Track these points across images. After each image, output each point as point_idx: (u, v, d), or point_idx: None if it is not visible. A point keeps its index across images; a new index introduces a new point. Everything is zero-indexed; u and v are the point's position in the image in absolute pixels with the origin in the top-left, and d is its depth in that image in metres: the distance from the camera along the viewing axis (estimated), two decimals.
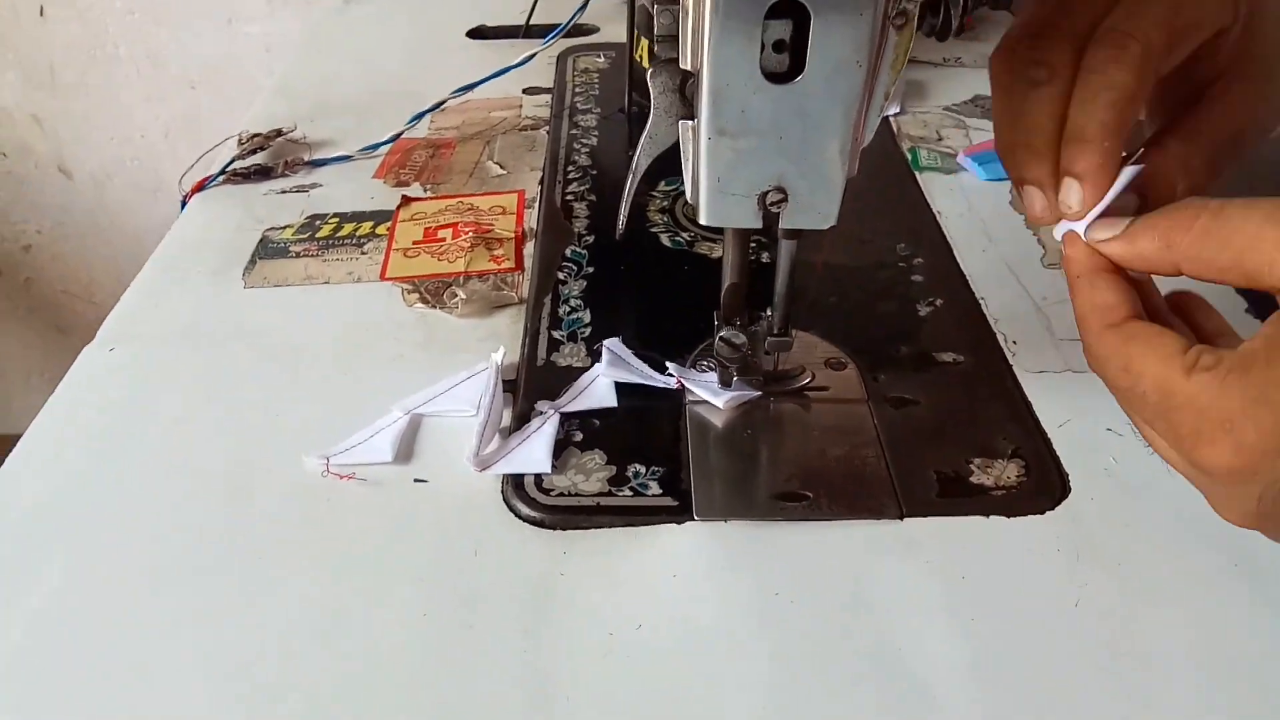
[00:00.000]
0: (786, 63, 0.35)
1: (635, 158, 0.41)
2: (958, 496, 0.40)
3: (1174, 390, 0.29)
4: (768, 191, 0.38)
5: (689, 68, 0.37)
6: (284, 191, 0.64)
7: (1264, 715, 0.33)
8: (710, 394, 0.45)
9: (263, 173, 0.66)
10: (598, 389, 0.46)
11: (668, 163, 0.40)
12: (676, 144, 0.40)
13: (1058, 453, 0.42)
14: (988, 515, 0.40)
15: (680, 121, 0.39)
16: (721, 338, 0.43)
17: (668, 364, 0.46)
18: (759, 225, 0.39)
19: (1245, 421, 0.28)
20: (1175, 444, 0.30)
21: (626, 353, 0.48)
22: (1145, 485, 0.40)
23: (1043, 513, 0.40)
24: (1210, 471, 0.29)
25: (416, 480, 0.42)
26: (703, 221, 0.39)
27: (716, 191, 0.38)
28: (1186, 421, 0.29)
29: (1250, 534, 0.32)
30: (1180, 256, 0.31)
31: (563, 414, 0.45)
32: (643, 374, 0.46)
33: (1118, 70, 0.33)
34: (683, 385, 0.46)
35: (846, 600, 0.37)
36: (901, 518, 0.40)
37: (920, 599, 0.37)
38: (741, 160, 0.37)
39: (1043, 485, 0.41)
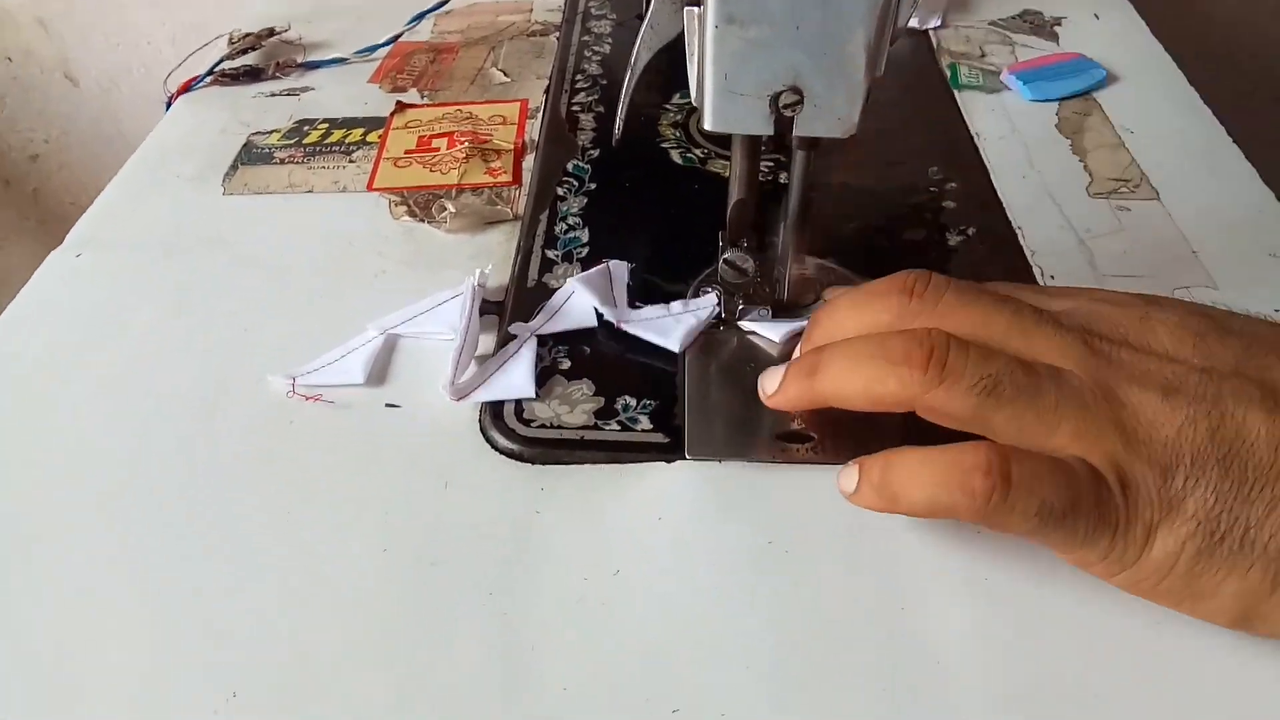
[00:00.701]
0: None
1: (635, 50, 0.36)
2: (980, 438, 0.36)
3: None
4: (781, 92, 0.33)
5: None
6: (273, 95, 0.60)
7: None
8: (768, 329, 0.41)
9: (252, 74, 0.62)
10: (574, 307, 0.42)
11: (682, 71, 0.35)
12: (681, 36, 0.35)
13: None
14: None
15: (685, 8, 0.34)
16: (725, 260, 0.40)
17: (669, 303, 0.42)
18: (770, 131, 0.34)
19: None
20: None
21: (620, 283, 0.43)
22: None
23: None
24: None
25: (388, 405, 0.39)
26: (707, 126, 0.35)
27: (723, 90, 0.34)
28: None
29: None
30: None
31: (545, 337, 0.41)
32: (611, 310, 0.42)
33: None
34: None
35: (848, 554, 0.33)
36: None
37: (929, 555, 0.33)
38: (753, 53, 0.33)
39: None
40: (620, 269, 0.44)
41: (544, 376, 0.39)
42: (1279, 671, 0.30)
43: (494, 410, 0.38)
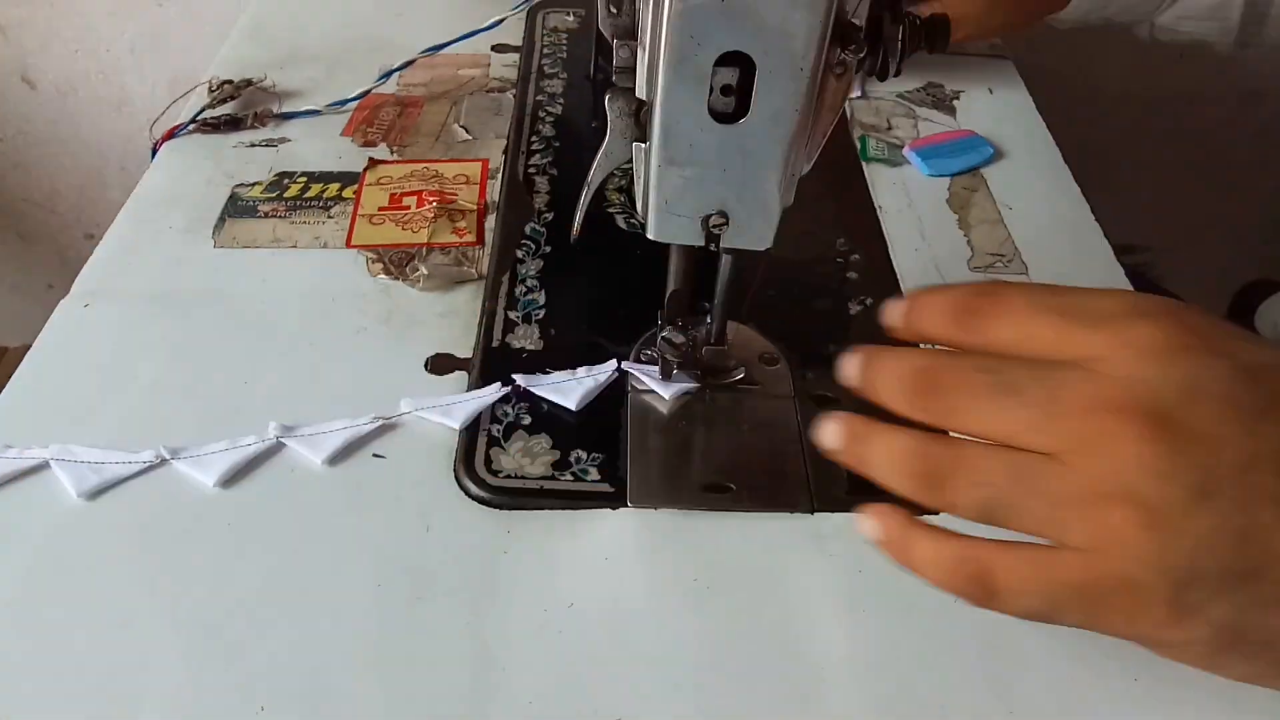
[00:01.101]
0: (733, 105, 0.38)
1: (591, 172, 0.44)
2: (864, 493, 0.44)
3: None
4: (710, 215, 0.41)
5: (644, 97, 0.40)
6: (253, 145, 0.66)
7: (1113, 708, 0.38)
8: (657, 384, 0.49)
9: (232, 123, 0.67)
10: (571, 390, 0.48)
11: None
12: (631, 163, 0.43)
13: None
14: None
15: (635, 143, 0.42)
16: (663, 337, 0.47)
17: (620, 363, 0.50)
18: (701, 243, 0.42)
19: None
20: None
21: (642, 372, 0.50)
22: None
23: (937, 513, 0.44)
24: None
25: (375, 455, 0.46)
26: (650, 236, 0.42)
27: (663, 212, 0.41)
28: None
29: None
30: None
31: (517, 395, 0.48)
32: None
33: None
34: (625, 374, 0.49)
35: (756, 588, 0.41)
36: (812, 512, 0.44)
37: (819, 589, 0.41)
38: (688, 187, 0.40)
39: None
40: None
41: (508, 431, 0.47)
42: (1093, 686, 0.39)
43: (466, 460, 0.46)
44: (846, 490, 0.45)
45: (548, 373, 0.50)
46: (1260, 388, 0.27)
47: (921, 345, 0.35)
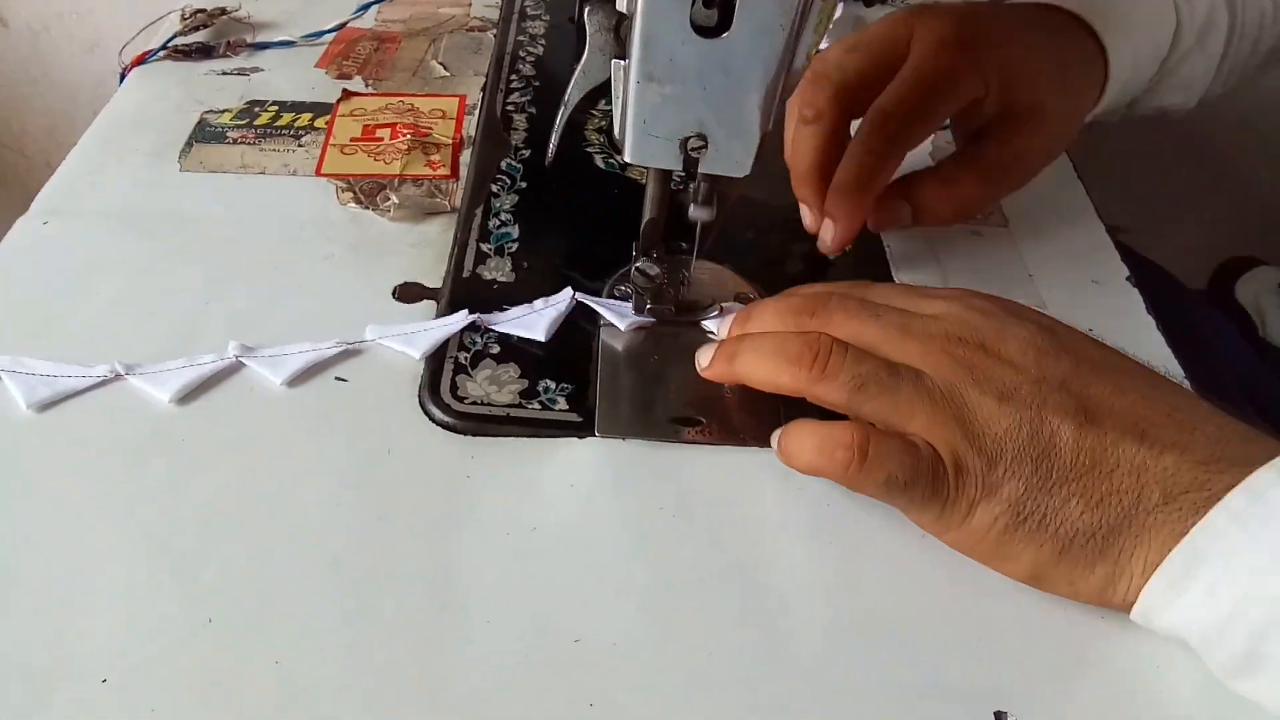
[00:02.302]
0: (715, 18, 0.37)
1: (568, 90, 0.43)
2: None
3: None
4: (689, 137, 0.40)
5: (624, 10, 0.39)
6: (224, 73, 0.64)
7: (1072, 641, 0.38)
8: (616, 317, 0.48)
9: (204, 51, 0.66)
10: (534, 323, 0.48)
11: (607, 85, 0.42)
12: (608, 79, 0.42)
13: None
14: None
15: (613, 60, 0.41)
16: (637, 268, 0.46)
17: (575, 294, 0.49)
18: (679, 168, 0.41)
19: None
20: None
21: (599, 303, 0.49)
22: None
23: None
24: None
25: (338, 379, 0.45)
26: (626, 159, 0.41)
27: (642, 133, 0.40)
28: None
29: None
30: None
31: (478, 324, 0.47)
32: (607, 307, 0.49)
33: (876, 140, 0.48)
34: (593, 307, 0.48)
35: (724, 518, 0.41)
36: None
37: (787, 520, 0.41)
38: (667, 105, 0.39)
39: None
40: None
41: (475, 359, 0.46)
42: (1043, 613, 0.38)
43: (431, 386, 0.45)
44: None
45: (505, 309, 0.48)
46: (1053, 338, 0.38)
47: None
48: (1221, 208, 1.13)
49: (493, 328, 0.47)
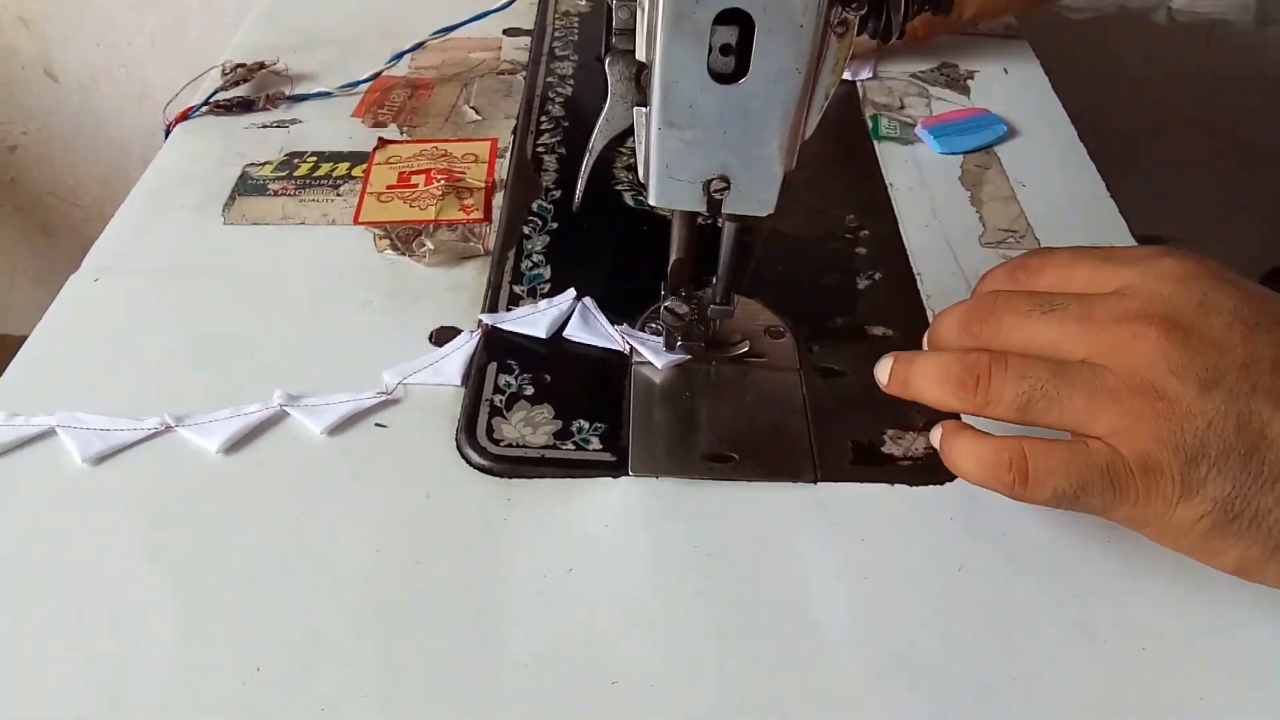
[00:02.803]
0: (732, 64, 0.38)
1: (592, 138, 0.44)
2: (868, 465, 0.44)
3: None
4: (712, 180, 0.41)
5: (644, 60, 0.40)
6: (265, 126, 0.66)
7: (1113, 677, 0.37)
8: (653, 354, 0.48)
9: (245, 105, 0.68)
10: (537, 321, 0.50)
11: (631, 129, 0.43)
12: (633, 129, 0.42)
13: None
14: (893, 484, 0.44)
15: (635, 107, 0.41)
16: (666, 306, 0.47)
17: (613, 327, 0.50)
18: (703, 209, 0.42)
19: None
20: None
21: (598, 314, 0.51)
22: None
23: (942, 483, 0.44)
24: None
25: (377, 425, 0.46)
26: (651, 202, 0.42)
27: (665, 177, 0.41)
28: None
29: None
30: None
31: (516, 366, 0.48)
32: (604, 336, 0.50)
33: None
34: (629, 346, 0.49)
35: (758, 555, 0.41)
36: (815, 482, 0.44)
37: (821, 557, 0.41)
38: (688, 150, 0.40)
39: None
40: (592, 304, 0.52)
41: (510, 401, 0.47)
42: (1085, 654, 0.38)
43: (468, 429, 0.45)
44: (851, 461, 0.45)
45: (510, 310, 0.51)
46: (1260, 308, 0.34)
47: None
48: (1268, 213, 1.11)
49: (499, 326, 0.50)
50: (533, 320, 0.50)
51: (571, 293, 0.51)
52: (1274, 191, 1.10)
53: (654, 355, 0.48)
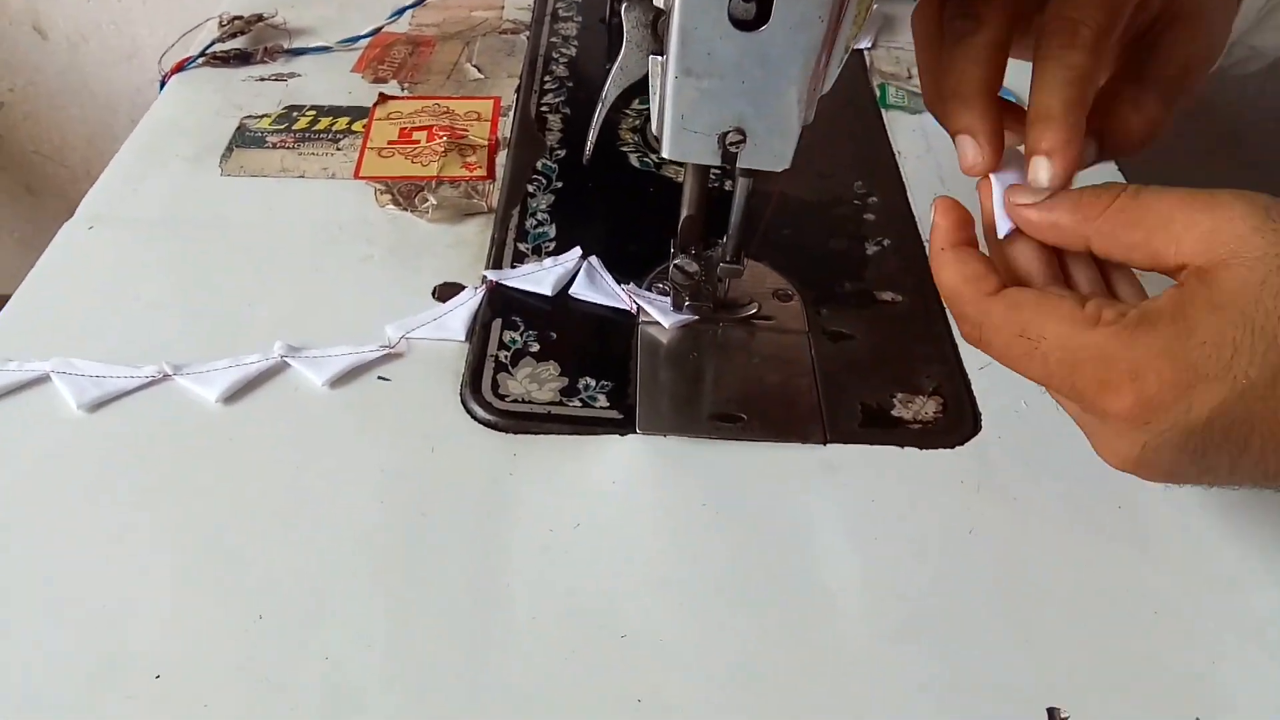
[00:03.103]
0: (753, 11, 0.37)
1: (605, 87, 0.43)
2: (878, 427, 0.44)
3: (1079, 344, 0.31)
4: (728, 132, 0.40)
5: (662, 5, 0.39)
6: (262, 79, 0.65)
7: (1125, 640, 0.37)
8: (661, 314, 0.48)
9: (242, 58, 0.66)
10: (543, 278, 0.50)
11: (642, 83, 0.42)
12: (645, 76, 0.42)
13: (975, 393, 0.46)
14: (903, 446, 0.43)
15: (651, 56, 0.40)
16: (676, 265, 0.46)
17: (625, 285, 0.49)
18: (718, 163, 0.41)
19: (1149, 372, 0.30)
20: (1076, 395, 0.33)
21: (604, 273, 0.50)
22: (1049, 429, 0.44)
23: (952, 447, 0.43)
24: (1109, 417, 0.32)
25: (380, 378, 0.45)
26: (665, 155, 0.41)
27: (679, 128, 0.40)
28: (1091, 373, 0.31)
29: (1137, 482, 0.36)
30: (1093, 230, 0.34)
31: (516, 321, 0.47)
32: (611, 294, 0.49)
33: (1073, 54, 0.36)
34: (636, 306, 0.48)
35: (766, 514, 0.41)
36: (825, 443, 0.43)
37: (831, 517, 0.40)
38: (705, 100, 0.39)
39: (956, 422, 0.44)
40: (597, 262, 0.51)
41: (516, 358, 0.46)
42: (1095, 611, 0.38)
43: (473, 385, 0.45)
44: (860, 423, 0.44)
45: (514, 266, 0.51)
46: None
47: None
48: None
49: (504, 283, 0.49)
50: (538, 278, 0.49)
51: (577, 251, 0.51)
52: (1273, 184, 1.10)
53: (661, 315, 0.48)
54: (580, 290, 0.50)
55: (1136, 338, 0.31)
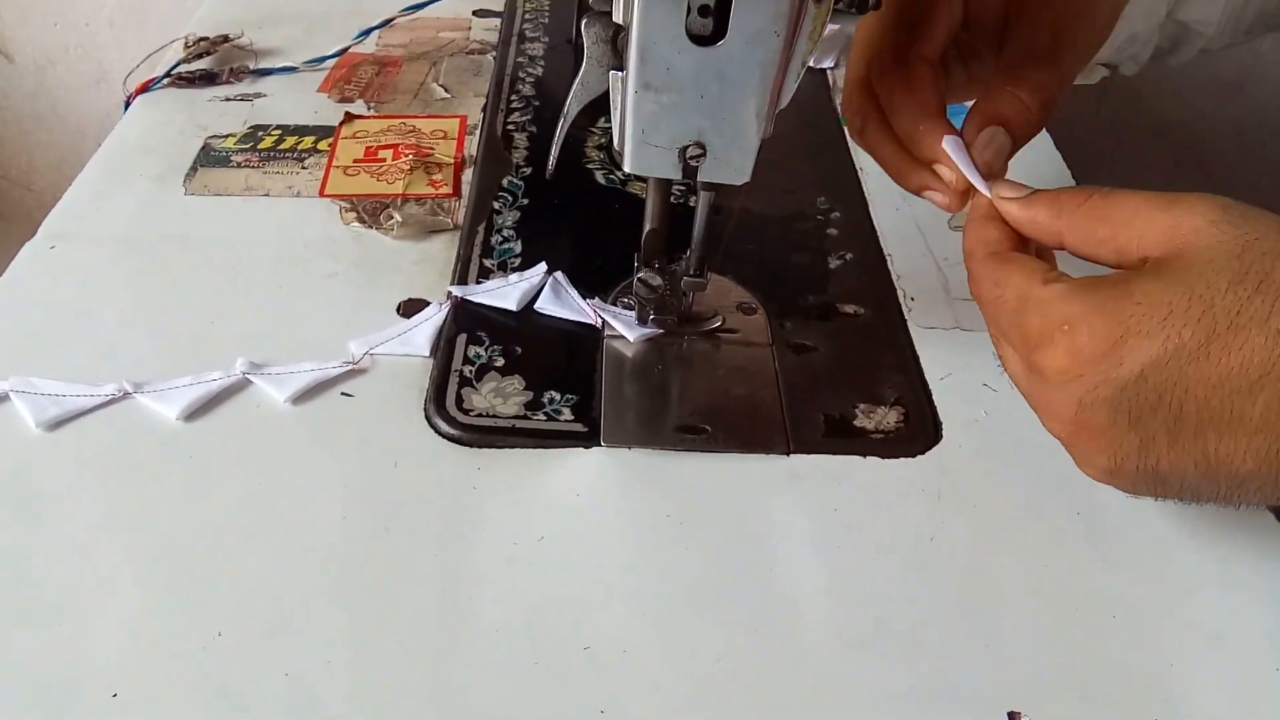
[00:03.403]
0: (710, 26, 0.37)
1: (567, 103, 0.43)
2: (841, 437, 0.44)
3: (1028, 295, 0.34)
4: (688, 146, 0.40)
5: (620, 21, 0.39)
6: (228, 99, 0.65)
7: (1085, 645, 0.38)
8: (625, 327, 0.48)
9: (207, 78, 0.66)
10: (508, 293, 0.50)
11: (607, 101, 0.42)
12: (607, 92, 0.42)
13: (936, 403, 0.46)
14: (865, 456, 0.44)
15: (611, 72, 0.41)
16: (639, 278, 0.46)
17: (590, 300, 0.49)
18: (678, 176, 0.41)
19: (1081, 324, 0.32)
20: (1020, 346, 0.35)
21: (570, 289, 0.50)
22: (1009, 438, 0.45)
23: (914, 456, 0.44)
24: (1043, 371, 0.34)
25: (343, 394, 0.45)
26: (626, 169, 0.41)
27: (640, 142, 0.40)
28: (1033, 323, 0.34)
29: (1095, 487, 0.36)
30: (1065, 225, 0.36)
31: (480, 336, 0.48)
32: (576, 309, 0.49)
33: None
34: (601, 320, 0.49)
35: (731, 524, 0.41)
36: (789, 454, 0.43)
37: (795, 526, 0.41)
38: (665, 114, 0.39)
39: (917, 432, 0.45)
40: (562, 278, 0.51)
41: (480, 372, 0.46)
42: (1054, 617, 0.38)
43: (437, 399, 0.45)
44: (823, 434, 0.45)
45: (480, 282, 0.51)
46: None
47: None
48: None
49: (469, 299, 0.49)
50: (503, 293, 0.50)
51: (543, 266, 0.51)
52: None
53: (626, 328, 0.48)
54: (546, 305, 0.50)
55: (1077, 294, 0.33)
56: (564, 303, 0.50)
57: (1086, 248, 0.36)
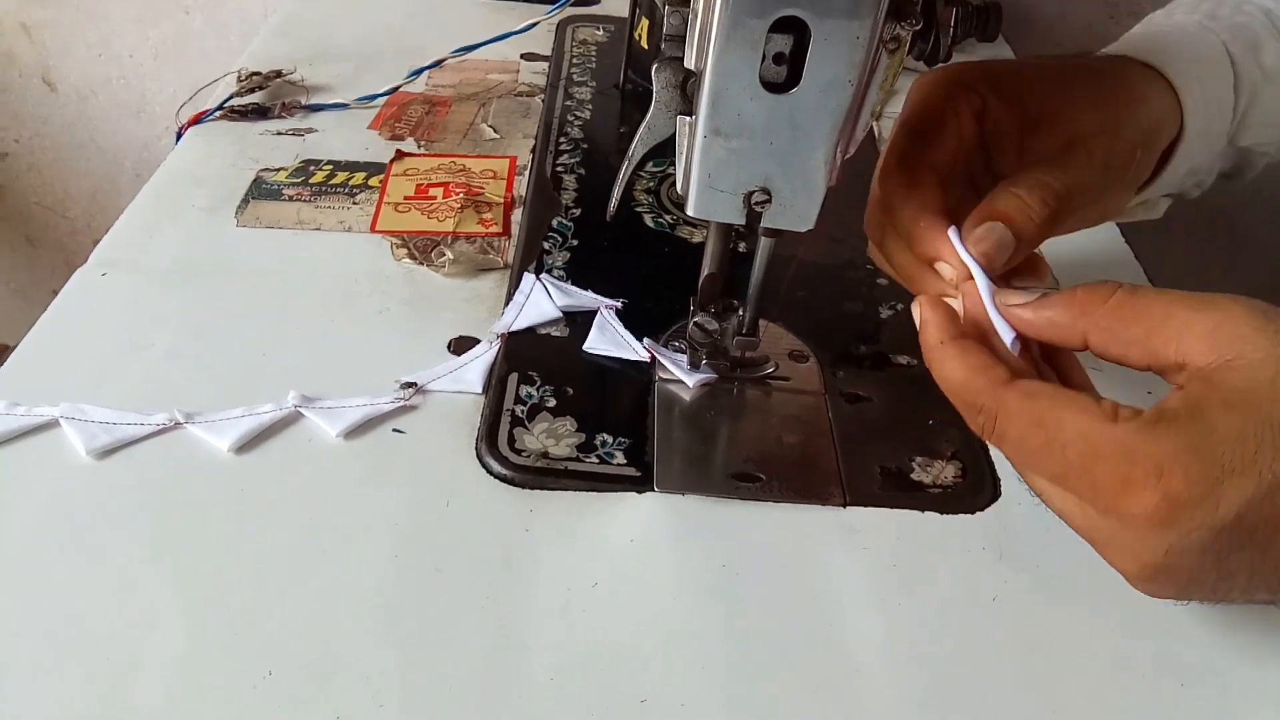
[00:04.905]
0: (784, 74, 0.37)
1: (633, 145, 0.43)
2: (898, 490, 0.44)
3: (1100, 438, 0.30)
4: (754, 191, 0.40)
5: (693, 67, 0.39)
6: (279, 133, 0.66)
7: (1153, 712, 0.36)
8: (682, 372, 0.48)
9: (259, 112, 0.67)
10: (540, 306, 0.51)
11: (657, 145, 0.42)
12: (672, 136, 0.42)
13: (994, 459, 0.45)
14: (923, 510, 0.43)
15: (679, 116, 0.41)
16: (695, 323, 0.46)
17: (644, 339, 0.49)
18: (742, 222, 0.41)
19: (1175, 468, 0.29)
20: (1091, 492, 0.31)
21: (616, 324, 0.50)
22: None
23: (973, 512, 0.43)
24: (1128, 517, 0.30)
25: (395, 430, 0.45)
26: (690, 213, 0.41)
27: (706, 187, 0.40)
28: (1113, 469, 0.30)
29: None
30: (1091, 324, 0.33)
31: (537, 378, 0.47)
32: (623, 345, 0.49)
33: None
34: (655, 361, 0.48)
35: (788, 576, 0.40)
36: (845, 505, 0.43)
37: (853, 580, 0.40)
38: (732, 160, 0.39)
39: (976, 487, 0.44)
40: (611, 314, 0.51)
41: (532, 413, 0.46)
42: (1120, 682, 0.37)
43: (489, 438, 0.44)
44: (879, 486, 0.44)
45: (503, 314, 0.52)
46: None
47: None
48: (1240, 284, 1.13)
49: (427, 388, 0.47)
50: (458, 376, 0.48)
51: (531, 278, 0.53)
52: (1243, 261, 1.11)
53: (683, 373, 0.48)
54: (594, 344, 0.49)
55: (1159, 433, 0.30)
56: (614, 342, 0.49)
57: (1114, 349, 0.33)
